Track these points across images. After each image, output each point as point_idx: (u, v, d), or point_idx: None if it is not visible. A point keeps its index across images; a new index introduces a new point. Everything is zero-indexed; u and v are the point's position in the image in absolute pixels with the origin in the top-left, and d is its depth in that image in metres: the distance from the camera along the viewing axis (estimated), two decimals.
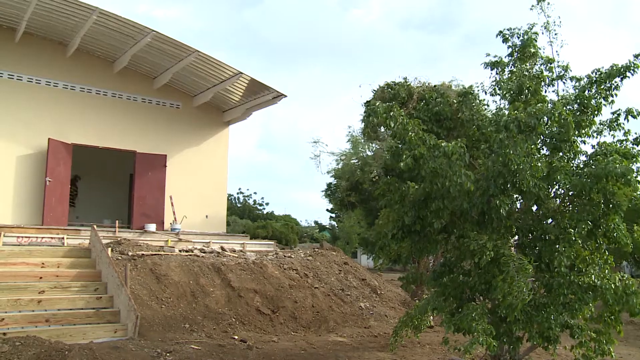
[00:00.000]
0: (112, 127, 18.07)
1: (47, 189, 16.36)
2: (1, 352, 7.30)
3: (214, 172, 19.78)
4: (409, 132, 7.81)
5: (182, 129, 19.44)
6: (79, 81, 17.80)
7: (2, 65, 16.59)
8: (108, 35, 16.71)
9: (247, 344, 10.52)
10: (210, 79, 18.45)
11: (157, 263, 12.69)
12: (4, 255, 11.57)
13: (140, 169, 18.28)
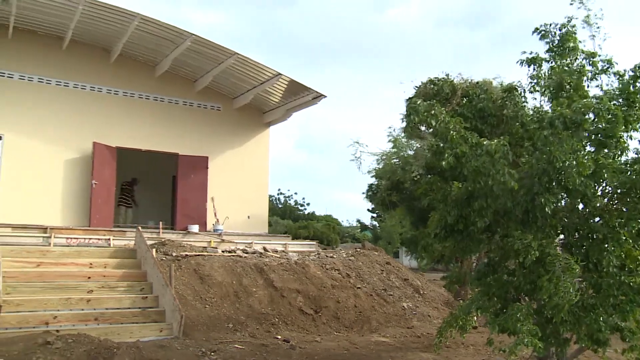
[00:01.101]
0: (155, 130, 18.39)
1: (93, 191, 16.74)
2: (55, 348, 7.51)
3: (255, 173, 19.93)
4: (450, 130, 7.73)
5: (223, 131, 19.64)
6: (122, 86, 18.18)
7: (50, 72, 17.09)
8: (149, 41, 17.02)
9: (290, 343, 10.57)
10: (249, 80, 18.60)
11: (201, 263, 12.86)
12: (55, 256, 11.90)
13: (182, 171, 18.55)
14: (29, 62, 16.87)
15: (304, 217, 44.97)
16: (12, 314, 9.54)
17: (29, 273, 11.10)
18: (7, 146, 16.28)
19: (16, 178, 16.15)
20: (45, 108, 16.86)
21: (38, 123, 16.68)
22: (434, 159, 8.85)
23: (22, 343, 7.85)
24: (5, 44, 16.42)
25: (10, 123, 16.34)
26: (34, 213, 15.78)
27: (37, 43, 17.01)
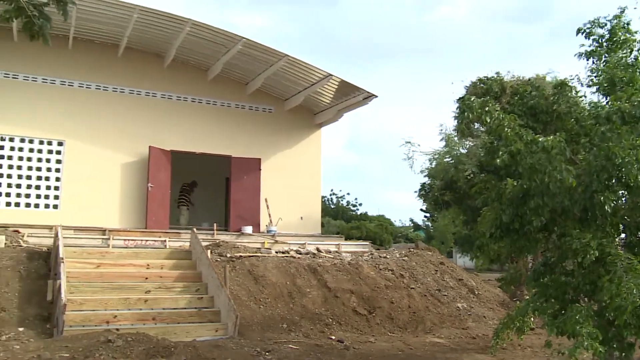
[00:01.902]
0: (208, 133, 18.69)
1: (150, 194, 17.14)
2: (116, 346, 7.72)
3: (307, 174, 20.01)
4: (505, 127, 7.58)
5: (275, 133, 19.80)
6: (175, 90, 18.56)
7: (107, 79, 17.62)
8: (201, 45, 17.32)
9: (344, 344, 10.56)
10: (300, 82, 18.69)
11: (255, 264, 12.99)
12: (114, 257, 12.23)
13: (235, 173, 18.79)
14: (87, 70, 17.45)
15: (357, 218, 44.78)
16: (75, 312, 9.85)
17: (90, 273, 11.44)
18: (68, 152, 16.86)
19: (77, 182, 16.71)
20: (102, 114, 17.38)
21: (96, 129, 17.21)
22: (488, 157, 8.68)
23: (86, 340, 8.11)
24: (66, 54, 17.01)
25: (71, 129, 16.92)
26: (94, 216, 16.29)
27: (94, 52, 17.56)
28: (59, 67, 17.09)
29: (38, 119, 16.67)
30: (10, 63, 16.61)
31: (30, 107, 16.64)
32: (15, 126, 16.46)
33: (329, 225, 35.78)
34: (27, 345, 8.45)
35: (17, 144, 16.50)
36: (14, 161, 16.42)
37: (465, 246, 31.17)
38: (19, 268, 10.94)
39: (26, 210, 16.25)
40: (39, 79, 16.96)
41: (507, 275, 14.56)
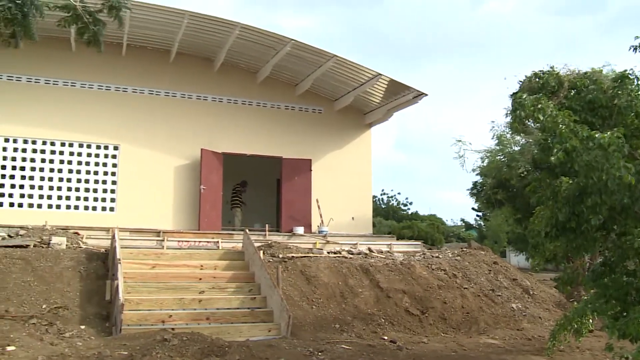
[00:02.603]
0: (259, 135, 18.87)
1: (202, 196, 17.42)
2: (172, 345, 7.87)
3: (358, 174, 19.97)
4: (559, 124, 7.38)
5: (325, 133, 19.84)
6: (226, 93, 18.82)
7: (159, 84, 18.03)
8: (250, 48, 17.50)
9: (397, 344, 10.49)
10: (349, 82, 18.68)
11: (307, 265, 13.03)
12: (168, 258, 12.47)
13: (286, 173, 18.92)
14: (140, 76, 17.90)
15: (408, 217, 44.48)
16: (132, 312, 10.09)
17: (146, 274, 11.69)
18: (123, 156, 17.31)
19: (132, 185, 17.16)
20: (155, 118, 17.79)
21: (150, 133, 17.62)
22: (542, 155, 8.49)
23: (143, 339, 8.31)
24: (120, 61, 17.49)
25: (125, 134, 17.37)
26: (148, 218, 16.69)
27: (146, 58, 17.99)
28: (114, 73, 17.58)
29: (94, 124, 17.18)
30: (69, 72, 17.19)
31: (87, 113, 17.18)
32: (73, 132, 17.02)
33: (381, 225, 35.64)
34: (88, 342, 8.72)
35: (75, 149, 17.05)
36: (73, 166, 16.97)
37: (519, 245, 30.56)
38: (79, 268, 11.28)
39: (85, 213, 16.78)
40: (95, 86, 17.48)
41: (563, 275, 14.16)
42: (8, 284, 10.27)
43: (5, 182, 16.38)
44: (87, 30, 8.91)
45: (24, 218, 15.32)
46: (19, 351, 7.87)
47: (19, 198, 16.46)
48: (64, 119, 16.95)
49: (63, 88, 17.19)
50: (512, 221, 25.74)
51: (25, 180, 16.56)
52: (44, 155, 16.81)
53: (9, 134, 16.54)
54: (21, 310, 9.66)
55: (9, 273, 10.54)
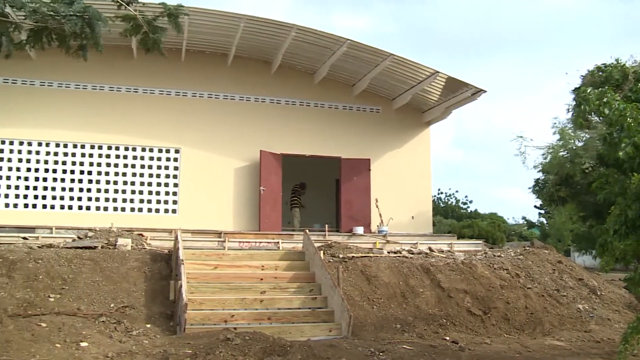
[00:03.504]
0: (317, 136, 18.95)
1: (262, 197, 17.61)
2: (235, 344, 7.96)
3: (417, 173, 19.80)
4: (627, 118, 7.12)
5: (383, 133, 19.76)
6: (283, 95, 18.99)
7: (218, 87, 18.37)
8: (306, 49, 17.60)
9: (459, 345, 10.32)
10: (407, 81, 18.54)
11: (367, 265, 12.97)
12: (230, 259, 12.63)
13: (345, 174, 18.92)
14: (199, 80, 18.27)
15: (468, 216, 43.83)
16: (195, 311, 10.27)
17: (208, 274, 11.88)
18: (184, 159, 17.70)
19: (193, 187, 17.53)
20: (215, 121, 18.12)
21: (209, 135, 17.96)
22: (608, 150, 8.18)
23: (206, 338, 8.44)
24: (179, 67, 17.89)
25: (186, 137, 17.76)
26: (209, 219, 17.00)
27: (205, 62, 18.36)
28: (174, 79, 18.02)
29: (156, 128, 17.65)
30: (131, 79, 17.73)
31: (149, 118, 17.67)
32: (136, 137, 17.53)
33: (440, 224, 35.27)
34: (154, 340, 8.94)
35: (138, 153, 17.55)
36: (136, 169, 17.47)
37: (585, 244, 29.61)
38: (144, 269, 11.56)
39: (148, 215, 17.23)
40: (156, 92, 17.94)
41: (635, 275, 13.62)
42: (79, 283, 10.64)
43: (74, 186, 17.01)
44: (148, 38, 9.18)
45: (91, 220, 15.86)
46: (91, 347, 8.15)
47: (86, 201, 17.07)
48: (127, 124, 17.49)
49: (126, 94, 17.73)
50: (577, 219, 25.03)
51: (92, 184, 17.15)
52: (109, 159, 17.37)
53: (77, 140, 17.18)
54: (91, 309, 9.98)
55: (79, 273, 10.91)
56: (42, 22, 8.62)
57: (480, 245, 17.67)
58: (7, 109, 16.88)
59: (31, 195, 16.84)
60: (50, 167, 17.01)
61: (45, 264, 10.93)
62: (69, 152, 17.17)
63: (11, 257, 10.97)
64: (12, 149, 16.88)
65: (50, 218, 16.14)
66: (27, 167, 16.91)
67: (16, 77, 17.10)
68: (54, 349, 7.86)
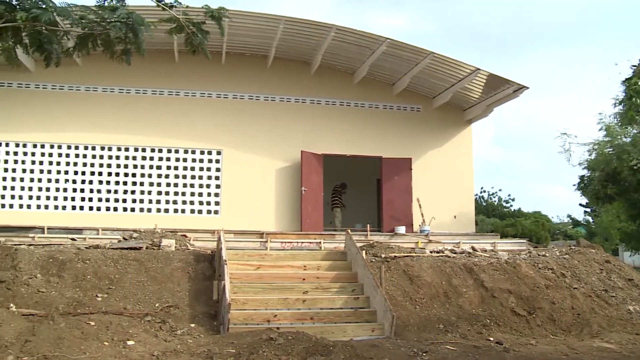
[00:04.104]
0: (357, 135, 18.93)
1: (303, 197, 17.67)
2: (278, 344, 8.01)
3: (459, 171, 19.61)
4: None
5: (424, 132, 19.63)
6: (323, 95, 19.03)
7: (258, 89, 18.54)
8: (346, 49, 17.59)
9: (504, 346, 10.16)
10: (447, 79, 18.38)
11: (409, 264, 12.89)
12: (272, 259, 12.71)
13: (386, 173, 18.86)
14: (240, 82, 18.48)
15: (511, 215, 43.12)
16: (239, 311, 10.36)
17: (251, 275, 11.97)
18: (226, 160, 17.91)
19: (235, 188, 17.72)
20: (256, 122, 18.28)
21: (250, 137, 18.14)
22: None
23: (249, 338, 8.51)
24: (220, 69, 18.12)
25: (227, 139, 17.97)
26: (251, 219, 17.17)
27: (245, 64, 18.56)
28: (215, 81, 18.27)
29: (198, 130, 17.92)
30: (173, 82, 18.04)
31: (191, 120, 17.95)
32: (178, 139, 17.82)
33: (483, 224, 34.83)
34: (198, 340, 9.06)
35: (181, 155, 17.83)
36: (179, 171, 17.76)
37: (634, 243, 28.84)
38: (188, 269, 11.72)
39: (191, 216, 17.49)
40: (197, 94, 18.21)
41: None
42: (125, 283, 10.86)
43: (119, 188, 17.40)
44: (193, 39, 9.34)
45: (136, 222, 16.15)
46: (138, 346, 8.30)
47: (131, 203, 17.44)
48: (169, 127, 17.80)
49: (168, 97, 18.05)
50: (625, 217, 24.40)
51: (136, 186, 17.52)
52: (152, 162, 17.70)
53: (121, 143, 17.58)
54: (137, 308, 10.18)
55: (125, 273, 11.14)
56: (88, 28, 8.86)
57: (524, 244, 17.39)
58: (55, 114, 17.39)
59: (78, 197, 17.30)
60: (96, 170, 17.45)
61: (92, 264, 11.21)
62: (114, 155, 17.58)
63: (61, 258, 11.30)
64: (60, 153, 17.38)
65: (96, 219, 16.54)
66: (74, 170, 17.38)
67: (63, 84, 17.60)
68: (102, 347, 8.04)
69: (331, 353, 7.93)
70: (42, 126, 17.31)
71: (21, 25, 8.40)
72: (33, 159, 17.31)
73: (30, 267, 10.86)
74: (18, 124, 17.24)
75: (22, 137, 17.28)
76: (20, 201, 17.08)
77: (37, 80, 17.50)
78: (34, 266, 10.94)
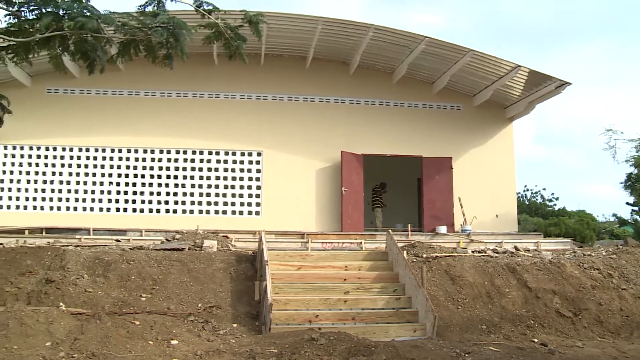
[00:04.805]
0: (397, 135, 18.86)
1: (344, 198, 17.68)
2: (320, 344, 8.02)
3: (500, 170, 19.35)
4: None
5: (464, 130, 19.44)
6: (362, 95, 19.02)
7: (297, 90, 18.65)
8: (384, 48, 17.54)
9: (549, 347, 9.96)
10: (488, 76, 18.16)
11: (451, 264, 12.77)
12: (313, 259, 12.73)
13: (427, 173, 18.73)
14: (278, 83, 18.63)
15: (554, 214, 42.29)
16: (280, 311, 10.41)
17: (292, 275, 12.01)
18: (266, 161, 18.04)
19: (275, 189, 17.86)
20: (295, 123, 18.39)
21: (290, 138, 18.25)
22: None
23: (291, 338, 8.54)
24: (258, 71, 18.27)
25: (267, 140, 18.12)
26: (292, 220, 17.26)
27: (283, 66, 18.69)
28: (254, 83, 18.43)
29: (238, 132, 18.13)
30: (213, 84, 18.28)
31: (231, 122, 18.17)
32: (219, 141, 18.06)
33: (525, 223, 34.28)
34: (240, 340, 9.13)
35: (222, 157, 18.04)
36: (220, 173, 17.97)
37: None
38: (229, 270, 11.84)
39: (232, 217, 17.68)
40: (237, 96, 18.42)
41: None
42: (168, 283, 11.03)
43: (162, 190, 17.71)
44: (230, 44, 9.46)
45: (178, 223, 16.43)
46: (181, 345, 8.43)
47: (173, 205, 17.72)
48: (210, 129, 18.05)
49: (208, 100, 18.30)
50: None
51: (178, 188, 17.79)
52: (193, 164, 17.95)
53: (163, 145, 17.89)
54: (180, 308, 10.33)
55: (168, 274, 11.32)
56: (131, 34, 9.06)
57: (568, 243, 17.06)
58: (99, 119, 17.82)
59: (122, 199, 17.66)
60: (139, 173, 17.79)
61: (136, 265, 11.42)
62: (156, 158, 17.91)
63: (106, 259, 11.55)
64: (104, 156, 17.78)
65: (139, 221, 16.85)
66: (117, 173, 17.75)
67: (107, 88, 18.00)
68: (147, 346, 8.18)
69: (373, 353, 7.90)
70: (87, 130, 17.76)
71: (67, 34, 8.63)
72: (79, 162, 17.76)
73: (77, 268, 11.15)
74: (64, 128, 17.74)
75: (67, 141, 17.76)
76: (67, 203, 17.56)
77: (81, 86, 17.96)
78: (81, 267, 11.22)
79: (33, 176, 17.64)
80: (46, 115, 17.79)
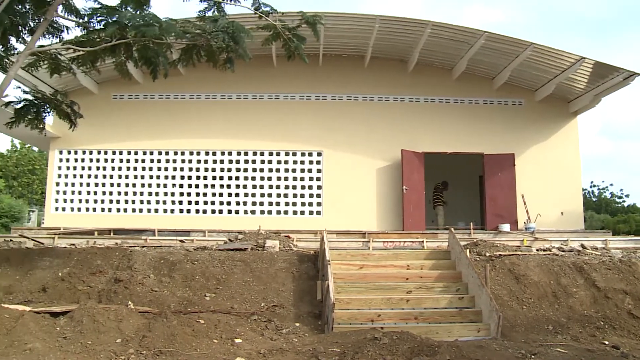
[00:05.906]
0: (458, 132, 18.61)
1: (405, 196, 17.57)
2: (382, 344, 8.01)
3: (564, 166, 18.82)
4: None
5: (526, 126, 19.01)
6: (422, 93, 18.86)
7: (356, 89, 18.70)
8: (443, 45, 17.35)
9: (621, 351, 9.60)
10: (550, 70, 17.69)
11: (515, 263, 12.52)
12: (375, 259, 12.72)
13: (489, 170, 18.40)
14: (337, 83, 18.68)
15: (623, 210, 40.86)
16: (342, 311, 10.44)
17: (354, 274, 12.03)
18: (327, 161, 18.14)
19: (336, 189, 17.92)
20: (354, 122, 18.40)
21: (350, 137, 18.28)
22: None
23: (354, 337, 8.57)
24: (317, 71, 18.40)
25: (327, 140, 18.19)
26: (353, 220, 17.29)
27: (342, 65, 18.73)
28: (313, 83, 18.56)
29: (298, 133, 18.28)
30: (272, 86, 18.52)
31: (291, 122, 18.36)
32: (279, 141, 18.26)
33: (592, 220, 33.29)
34: (303, 339, 9.22)
35: (282, 157, 18.24)
36: (281, 173, 18.18)
37: None
38: (291, 269, 11.95)
39: (294, 217, 17.83)
40: (296, 97, 18.57)
41: None
42: (231, 283, 11.24)
43: (224, 192, 18.06)
44: (289, 45, 9.57)
45: (240, 223, 16.71)
46: (245, 344, 8.57)
47: (235, 205, 18.03)
48: (270, 130, 18.28)
49: (268, 101, 18.52)
50: None
51: (240, 189, 18.10)
52: (255, 165, 18.22)
53: (225, 147, 18.26)
54: (243, 308, 10.51)
55: (231, 274, 11.52)
56: (192, 40, 9.29)
57: (639, 241, 16.44)
58: (162, 123, 18.34)
59: (185, 201, 18.09)
60: (202, 174, 18.19)
61: (200, 265, 11.68)
62: (218, 160, 18.28)
63: (171, 259, 11.86)
64: (167, 159, 18.26)
65: (202, 222, 17.23)
66: (180, 175, 18.20)
67: (169, 93, 18.48)
68: (212, 344, 8.36)
69: (436, 353, 7.83)
70: (151, 134, 18.30)
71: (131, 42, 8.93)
72: (143, 165, 18.31)
73: (144, 268, 11.50)
74: (130, 133, 18.34)
75: (133, 145, 18.34)
76: (133, 205, 18.12)
77: (145, 92, 18.51)
78: (147, 267, 11.57)
79: (101, 179, 18.28)
80: (112, 121, 18.43)
